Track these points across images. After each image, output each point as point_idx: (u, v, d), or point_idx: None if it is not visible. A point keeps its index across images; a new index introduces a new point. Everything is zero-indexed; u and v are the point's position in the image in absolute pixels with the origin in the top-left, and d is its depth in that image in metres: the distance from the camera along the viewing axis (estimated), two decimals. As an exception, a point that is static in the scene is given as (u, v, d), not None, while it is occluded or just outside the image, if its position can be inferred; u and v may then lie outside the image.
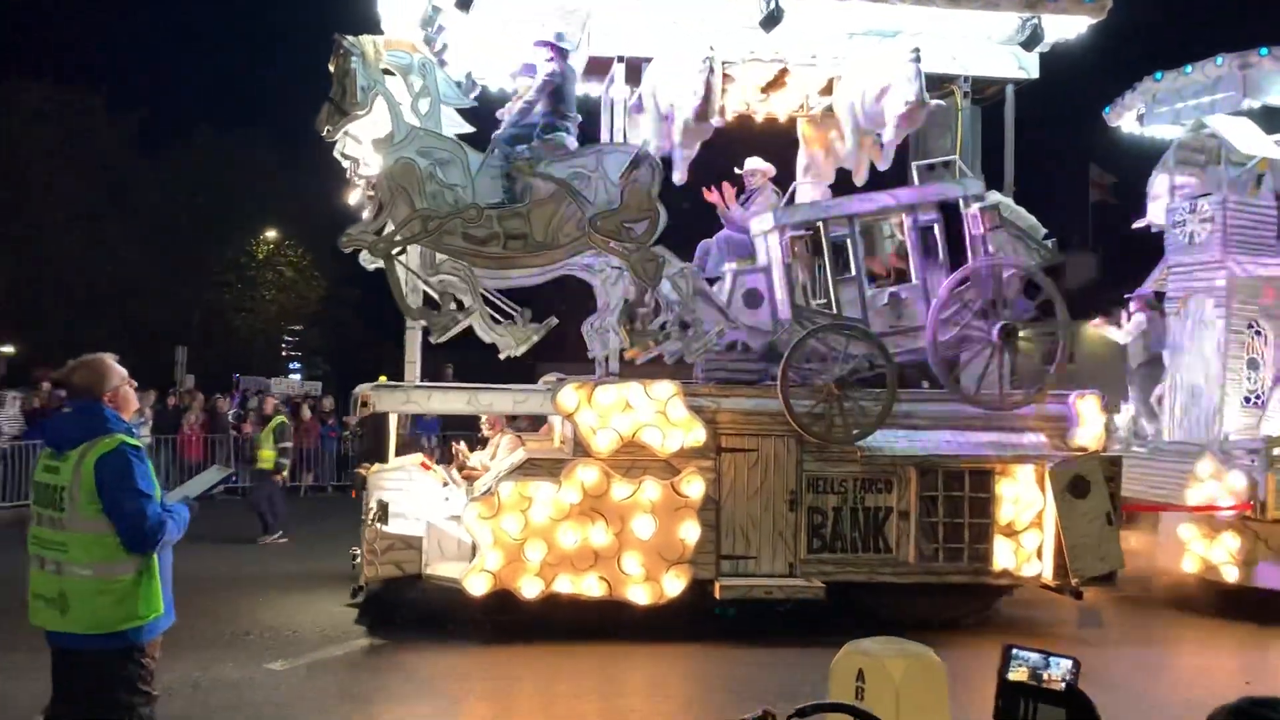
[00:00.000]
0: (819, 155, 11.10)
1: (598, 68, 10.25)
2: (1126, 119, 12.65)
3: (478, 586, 8.51)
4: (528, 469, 8.80)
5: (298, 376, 35.83)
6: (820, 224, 9.50)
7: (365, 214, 9.12)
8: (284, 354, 42.33)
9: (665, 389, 8.86)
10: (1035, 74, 10.40)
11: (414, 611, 9.18)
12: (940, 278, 9.56)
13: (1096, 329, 13.22)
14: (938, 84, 10.56)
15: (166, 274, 32.01)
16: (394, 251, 8.70)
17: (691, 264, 9.50)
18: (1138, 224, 12.76)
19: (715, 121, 9.18)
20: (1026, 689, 2.67)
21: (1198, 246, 11.07)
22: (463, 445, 10.70)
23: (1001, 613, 9.78)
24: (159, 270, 31.73)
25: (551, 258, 9.01)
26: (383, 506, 8.89)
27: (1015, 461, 9.17)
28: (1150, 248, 12.39)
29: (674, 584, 8.67)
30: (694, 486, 8.73)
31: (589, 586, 8.59)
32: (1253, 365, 10.94)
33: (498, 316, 9.77)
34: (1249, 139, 10.94)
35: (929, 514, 9.08)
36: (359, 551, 9.40)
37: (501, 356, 10.04)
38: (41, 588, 4.06)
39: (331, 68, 8.55)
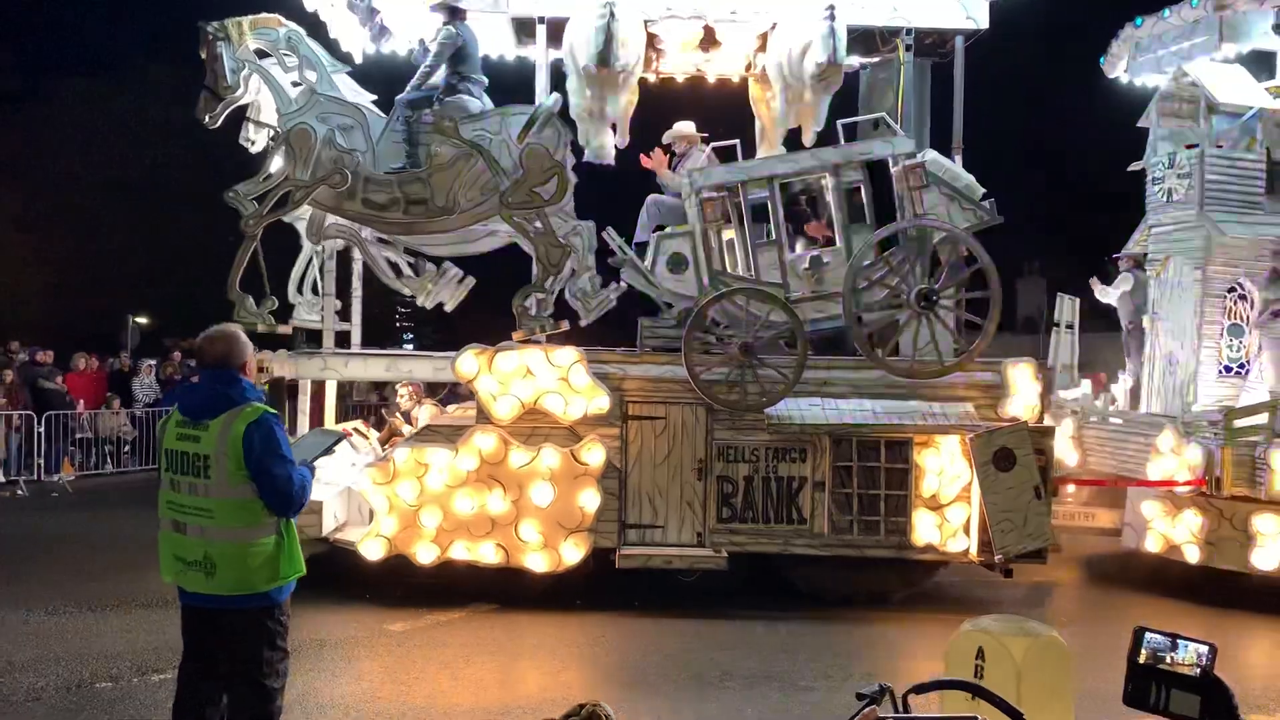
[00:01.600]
0: (764, 117, 10.76)
1: (528, 31, 10.14)
2: (1119, 69, 11.90)
3: (373, 551, 8.58)
4: (425, 435, 8.81)
5: (410, 346, 36.77)
6: (739, 186, 9.19)
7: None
8: (397, 324, 43.06)
9: (567, 355, 8.73)
10: (984, 24, 9.90)
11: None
12: (866, 240, 9.16)
13: (1093, 288, 12.49)
14: (881, 38, 10.16)
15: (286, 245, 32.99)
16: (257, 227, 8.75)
17: (588, 221, 9.29)
18: (1133, 166, 11.93)
19: (620, 67, 8.91)
20: (1158, 673, 2.56)
21: (1175, 204, 10.34)
22: (398, 415, 10.76)
23: (940, 588, 9.41)
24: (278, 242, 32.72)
25: (455, 223, 8.96)
26: None
27: (935, 431, 8.76)
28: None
29: (573, 552, 8.57)
30: (594, 454, 8.60)
31: (486, 554, 8.56)
32: (1235, 332, 10.19)
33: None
34: (1235, 87, 10.12)
35: (843, 485, 8.77)
36: None
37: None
38: (184, 551, 4.16)
39: (202, 55, 8.64)
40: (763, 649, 7.60)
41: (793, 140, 10.68)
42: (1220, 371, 10.24)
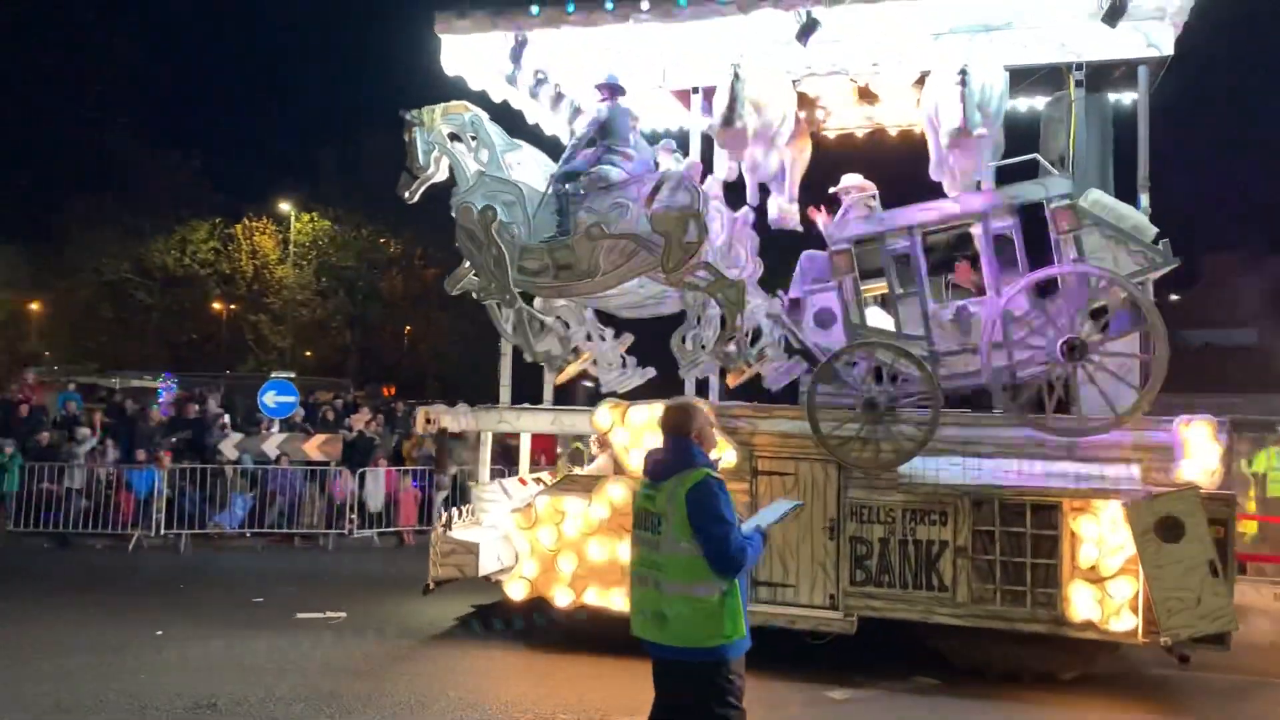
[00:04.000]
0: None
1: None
2: None
3: (517, 592, 9.14)
4: (564, 484, 9.30)
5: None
6: (878, 236, 8.98)
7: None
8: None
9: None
10: (1168, 50, 9.04)
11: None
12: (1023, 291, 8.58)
13: None
14: (1050, 75, 9.58)
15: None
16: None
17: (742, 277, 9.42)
18: None
19: (740, 126, 9.05)
20: None
21: None
22: (565, 461, 11.35)
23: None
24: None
25: (600, 284, 9.46)
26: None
27: (1089, 496, 7.96)
28: None
29: (697, 605, 8.64)
30: (719, 508, 8.66)
31: (616, 601, 8.84)
32: None
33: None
34: None
35: (984, 551, 8.18)
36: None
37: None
38: (643, 603, 4.56)
39: (405, 139, 9.79)
40: None
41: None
42: None
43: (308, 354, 38.45)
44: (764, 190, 10.60)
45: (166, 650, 8.65)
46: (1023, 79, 9.75)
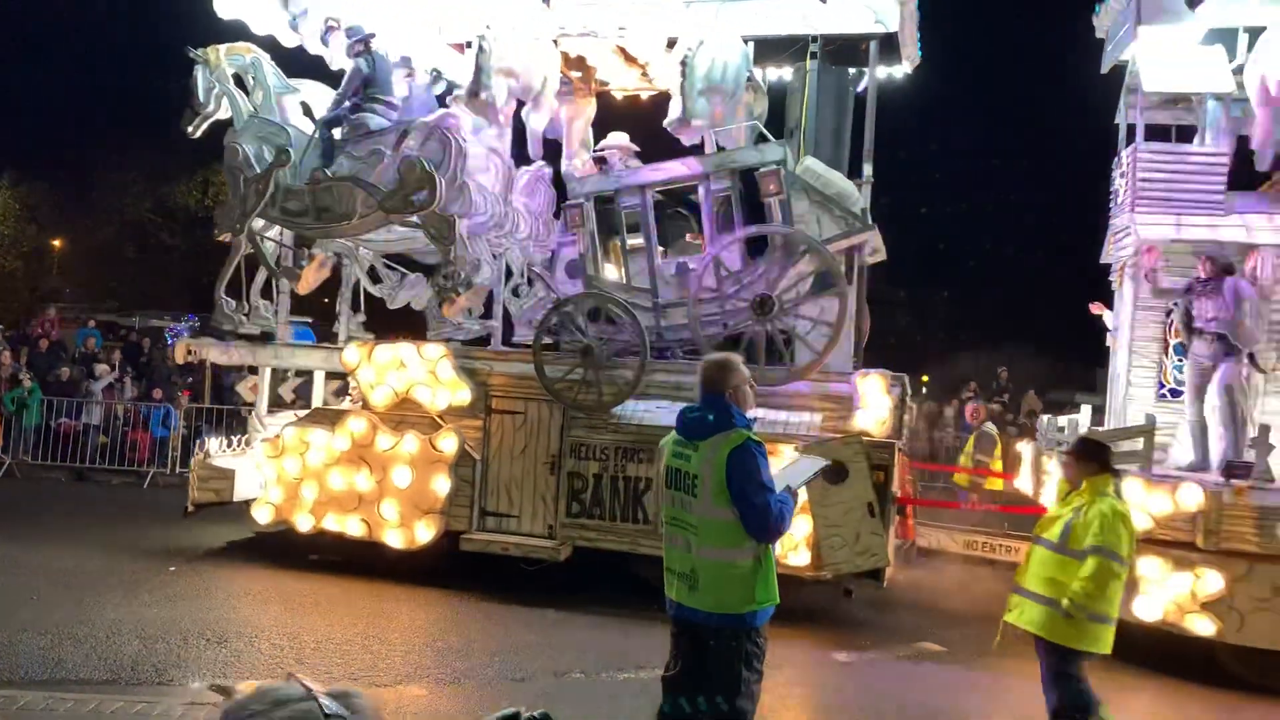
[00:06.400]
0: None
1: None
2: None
3: (262, 516, 9.69)
4: (312, 416, 9.82)
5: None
6: (614, 194, 9.52)
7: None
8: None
9: (435, 350, 9.45)
10: (894, 27, 9.60)
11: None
12: (736, 247, 9.19)
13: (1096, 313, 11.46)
14: (791, 46, 10.13)
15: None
16: (247, 226, 10.06)
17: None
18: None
19: (485, 97, 9.51)
20: None
21: (1121, 205, 9.43)
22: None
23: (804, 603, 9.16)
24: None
25: (358, 227, 9.94)
26: None
27: (772, 440, 8.61)
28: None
29: (425, 532, 9.24)
30: (449, 442, 9.24)
31: (352, 527, 9.42)
32: (1182, 351, 9.11)
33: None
34: (1174, 66, 8.95)
35: (681, 488, 8.83)
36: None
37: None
38: (675, 564, 4.38)
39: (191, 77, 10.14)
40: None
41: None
42: (1166, 394, 9.20)
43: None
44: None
45: (178, 584, 8.75)
46: (775, 50, 10.28)
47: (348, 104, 9.96)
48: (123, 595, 8.17)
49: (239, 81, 10.40)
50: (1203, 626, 7.41)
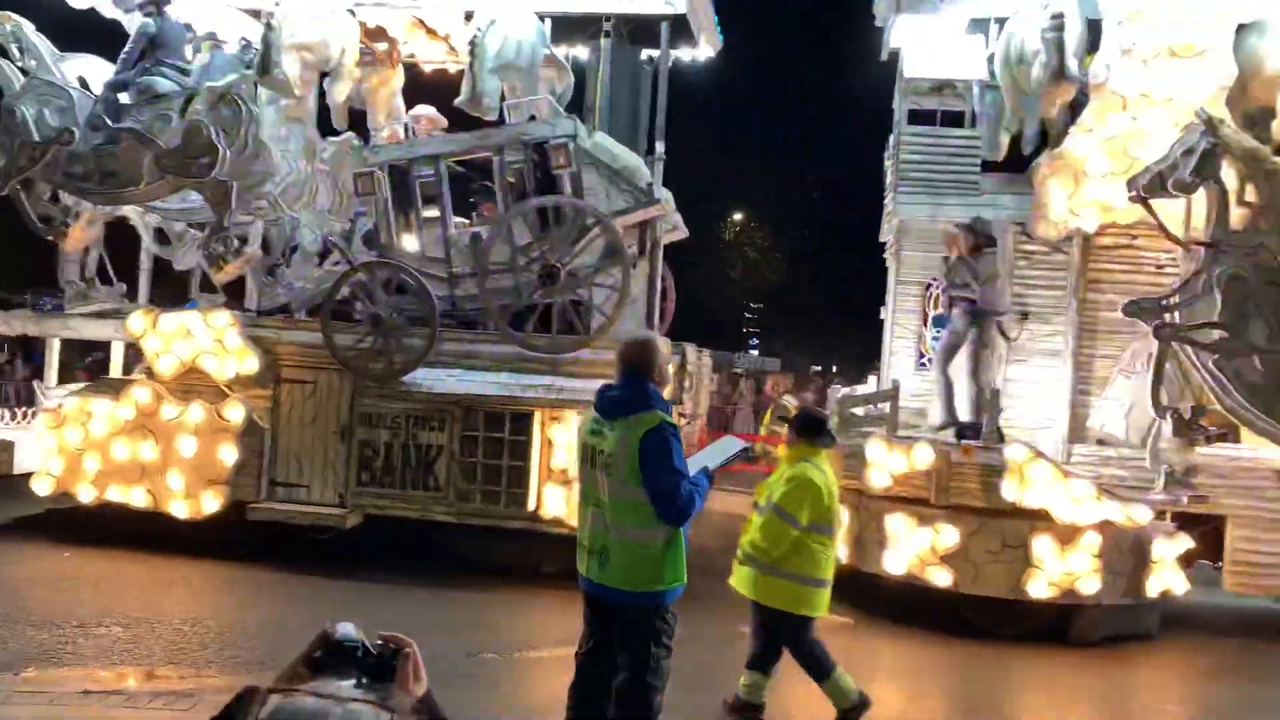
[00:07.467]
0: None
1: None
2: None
3: (42, 488, 9.42)
4: (96, 386, 9.60)
5: (755, 352, 38.70)
6: (408, 163, 9.57)
7: None
8: (744, 330, 45.24)
9: (222, 318, 9.35)
10: (683, 9, 9.90)
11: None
12: (528, 219, 9.38)
13: None
14: (587, 24, 10.36)
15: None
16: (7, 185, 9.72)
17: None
18: None
19: (277, 74, 9.41)
20: None
21: (889, 188, 10.03)
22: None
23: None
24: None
25: (145, 193, 9.73)
26: None
27: (560, 406, 8.89)
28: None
29: (211, 502, 9.15)
30: (235, 412, 9.16)
31: (136, 498, 9.26)
32: (941, 323, 9.76)
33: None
34: (935, 54, 9.59)
35: (469, 454, 9.00)
36: None
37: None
38: (588, 539, 4.44)
39: None
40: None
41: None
42: (926, 364, 9.85)
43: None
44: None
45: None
46: (574, 28, 10.49)
47: (134, 68, 9.71)
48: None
49: (2, 52, 10.05)
50: (942, 578, 8.01)
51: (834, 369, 33.12)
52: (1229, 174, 7.78)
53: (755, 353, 38.89)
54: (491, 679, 6.70)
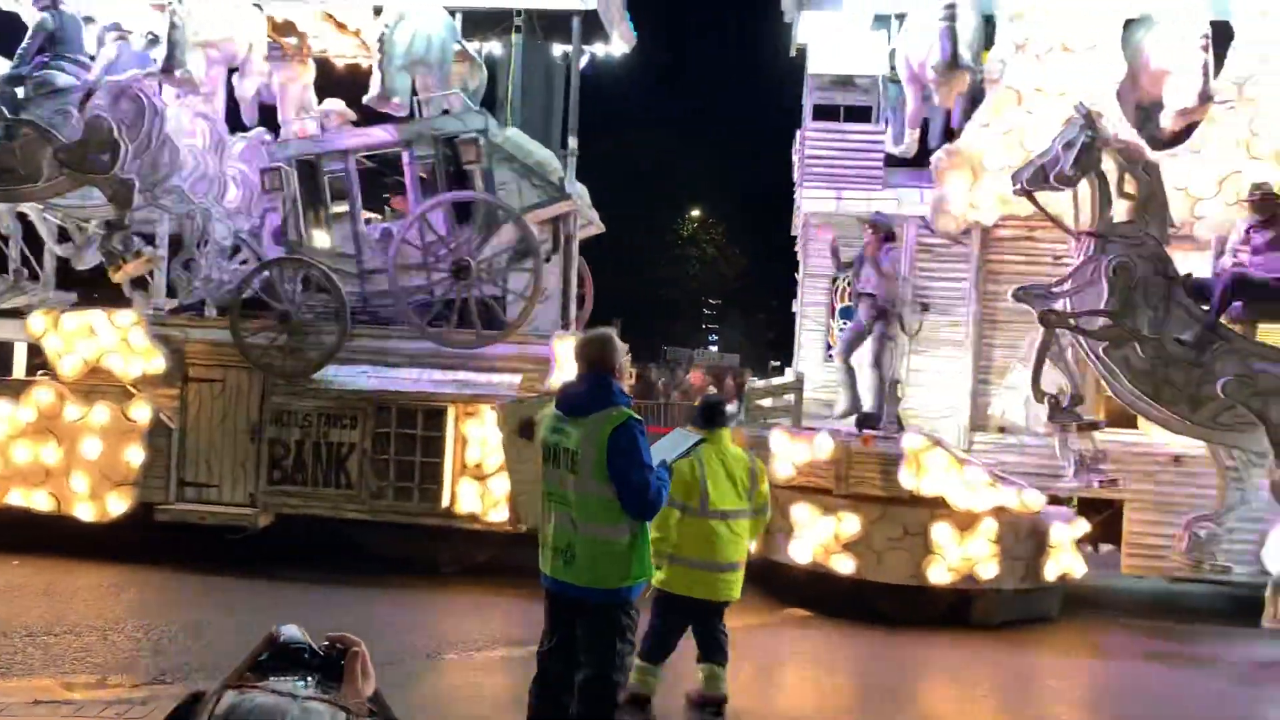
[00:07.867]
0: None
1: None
2: None
3: (-64, 495, 9.20)
4: (-4, 388, 9.39)
5: (715, 348, 38.39)
6: (316, 158, 9.50)
7: None
8: (703, 327, 44.96)
9: (127, 316, 9.20)
10: (593, 5, 9.94)
11: None
12: (440, 214, 9.36)
13: None
14: (499, 19, 10.36)
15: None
16: None
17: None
18: None
19: (180, 73, 9.28)
20: None
21: (797, 181, 10.21)
22: None
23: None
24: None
25: (45, 190, 9.52)
26: None
27: (474, 401, 8.91)
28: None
29: (118, 504, 9.01)
30: (142, 412, 9.03)
31: (39, 501, 9.07)
32: (848, 314, 9.94)
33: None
34: (838, 50, 9.78)
35: (381, 451, 8.98)
36: None
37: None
38: (553, 538, 4.40)
39: None
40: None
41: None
42: (833, 355, 10.03)
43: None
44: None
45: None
46: (484, 24, 10.48)
47: (32, 62, 9.48)
48: None
49: None
50: (845, 566, 8.19)
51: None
52: (1109, 166, 8.05)
53: (715, 349, 38.99)
54: (444, 681, 6.68)
